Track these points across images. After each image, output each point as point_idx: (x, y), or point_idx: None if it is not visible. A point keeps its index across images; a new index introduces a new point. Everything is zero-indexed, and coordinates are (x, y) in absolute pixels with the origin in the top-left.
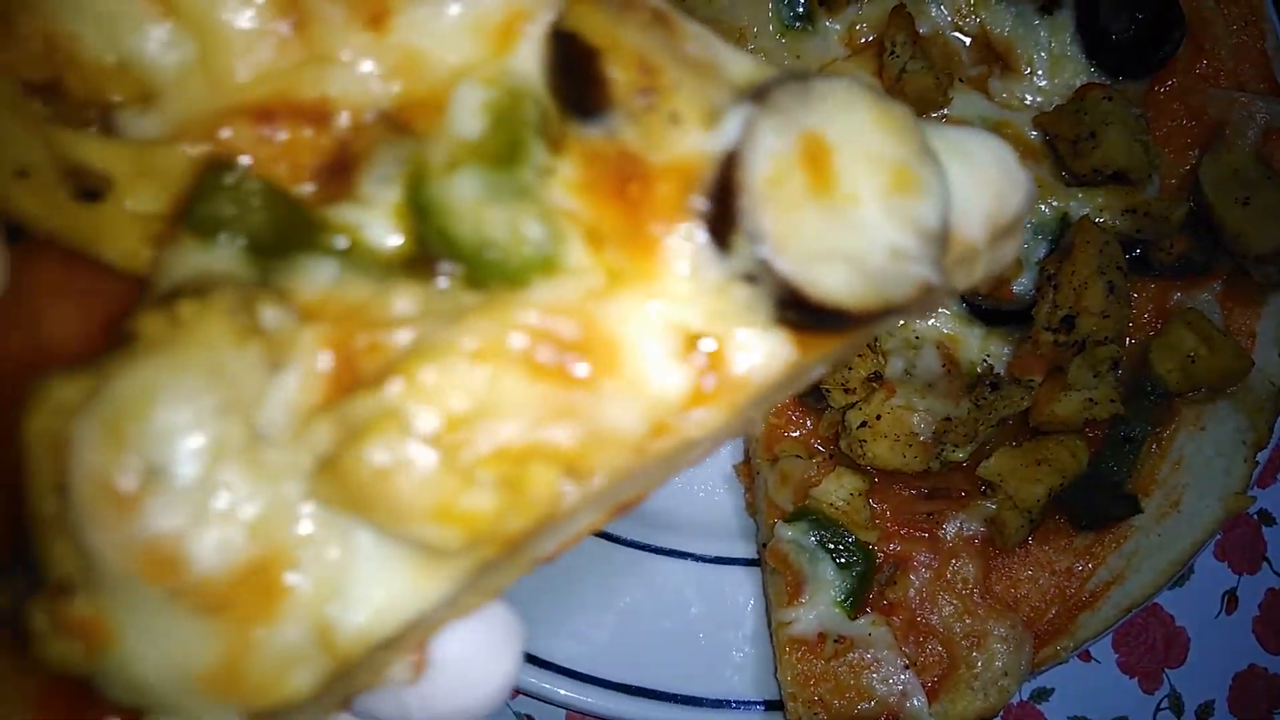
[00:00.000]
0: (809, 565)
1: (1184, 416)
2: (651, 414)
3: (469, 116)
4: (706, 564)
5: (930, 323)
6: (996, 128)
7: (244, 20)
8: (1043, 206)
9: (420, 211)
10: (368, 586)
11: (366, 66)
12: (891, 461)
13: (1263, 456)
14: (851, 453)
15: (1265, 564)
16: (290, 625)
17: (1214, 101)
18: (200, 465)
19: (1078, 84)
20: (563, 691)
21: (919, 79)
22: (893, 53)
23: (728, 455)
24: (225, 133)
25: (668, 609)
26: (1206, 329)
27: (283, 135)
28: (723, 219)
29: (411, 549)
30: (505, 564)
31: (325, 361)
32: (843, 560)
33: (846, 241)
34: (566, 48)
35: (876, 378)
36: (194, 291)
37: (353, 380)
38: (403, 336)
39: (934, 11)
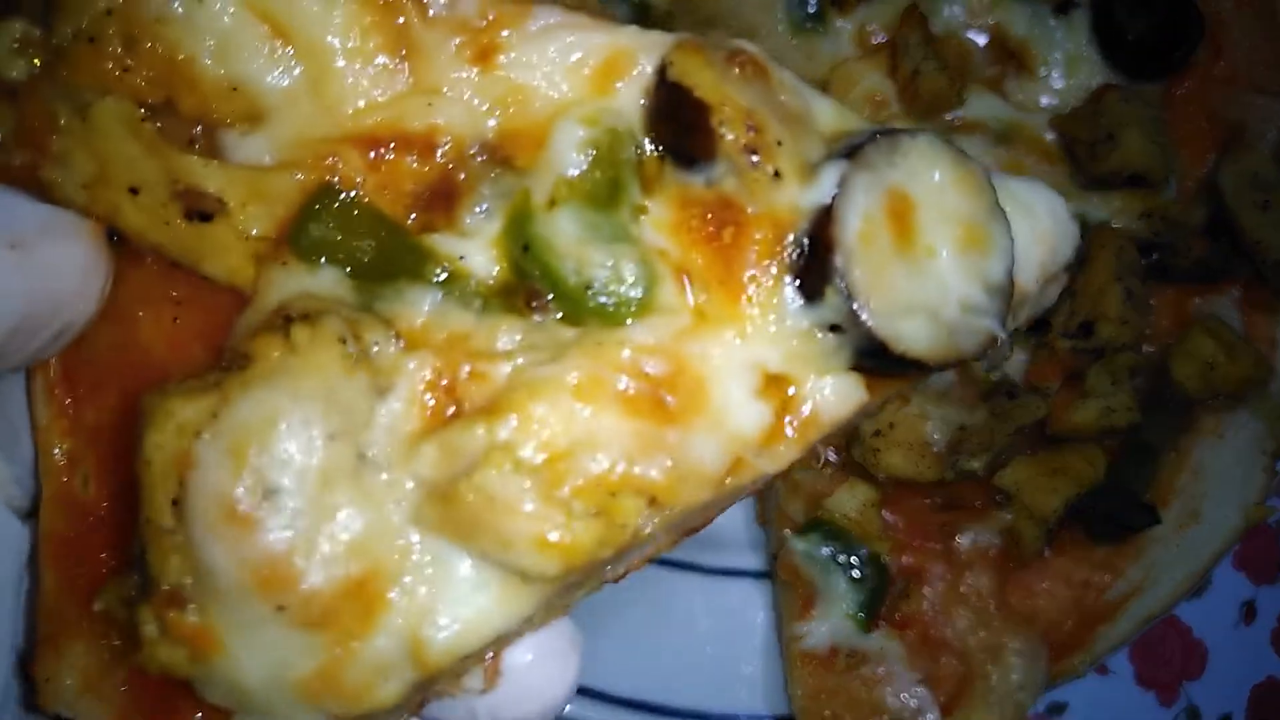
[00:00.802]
0: (821, 578)
1: (1203, 425)
2: (731, 449)
3: (570, 152)
4: (716, 576)
5: None
6: (1012, 129)
7: (354, 49)
8: None
9: (523, 247)
10: (459, 605)
11: (472, 99)
12: (905, 471)
13: None
14: (864, 462)
15: None
16: (385, 638)
17: (1232, 103)
18: (313, 487)
19: (1094, 85)
20: (568, 706)
21: (933, 80)
22: (906, 53)
23: None
24: (333, 159)
25: (676, 622)
26: (1226, 335)
27: (389, 163)
28: (813, 270)
29: (505, 572)
30: (582, 584)
31: (429, 389)
32: (855, 573)
33: (925, 296)
34: (675, 97)
35: None
36: (304, 317)
37: (455, 408)
38: (504, 368)
39: (947, 11)
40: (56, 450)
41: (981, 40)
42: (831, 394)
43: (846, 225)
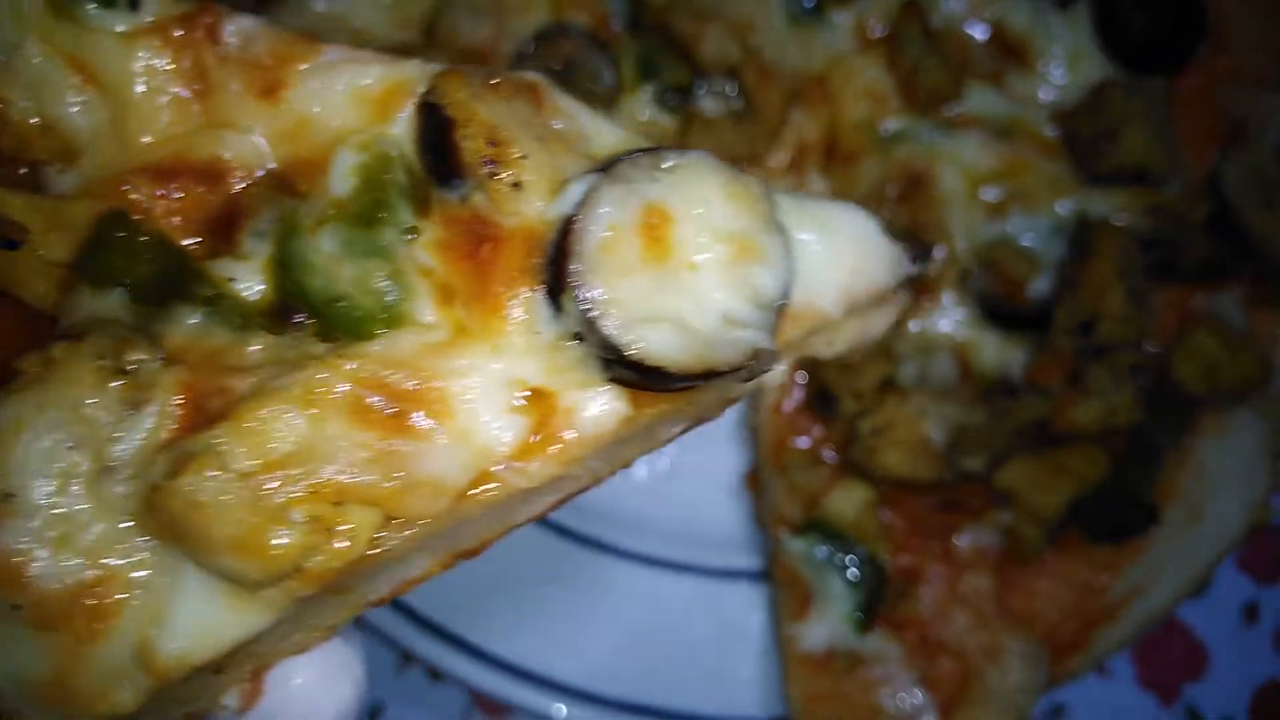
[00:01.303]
0: (818, 579)
1: (1205, 424)
2: (476, 464)
3: (342, 178)
4: (713, 577)
5: (945, 327)
6: (1012, 124)
7: (152, 86)
8: (1059, 206)
9: (282, 265)
10: (189, 614)
11: (259, 131)
12: (903, 471)
13: None
14: (862, 461)
15: None
16: (116, 645)
17: (1236, 99)
18: (50, 494)
19: (1096, 80)
20: (565, 709)
21: (932, 74)
22: (905, 47)
23: (735, 465)
24: (127, 189)
25: (673, 624)
26: (1229, 334)
27: (178, 193)
28: (556, 280)
29: (229, 583)
30: (331, 602)
31: (180, 404)
32: (853, 574)
33: (677, 307)
34: (431, 117)
35: (888, 384)
36: (71, 335)
37: (201, 421)
38: (248, 381)
39: (947, 5)
40: None
41: (981, 34)
42: (593, 408)
43: (586, 234)
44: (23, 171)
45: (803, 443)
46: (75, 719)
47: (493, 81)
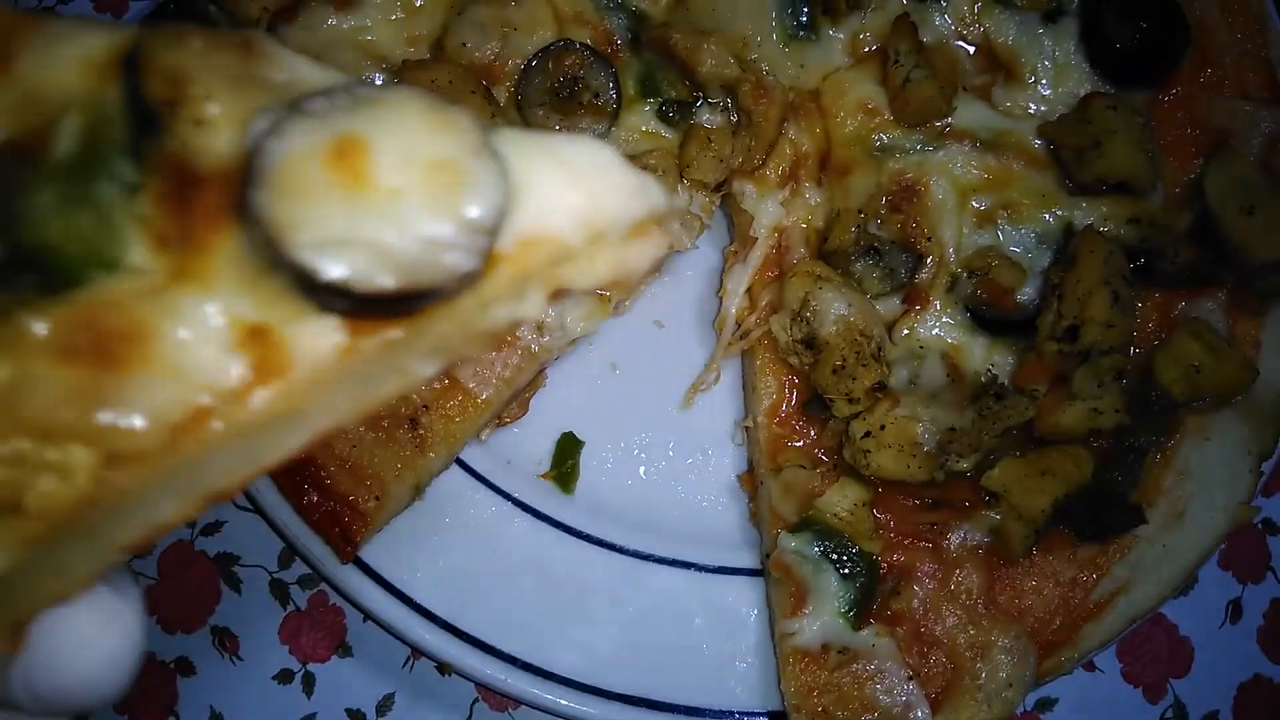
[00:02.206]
0: (812, 576)
1: (1189, 427)
2: (189, 400)
3: (66, 139)
4: (710, 574)
5: (934, 332)
6: (1000, 136)
7: None
8: (1046, 215)
9: (2, 226)
10: None
11: None
12: (895, 472)
13: (1268, 466)
14: (855, 463)
15: (1270, 574)
16: None
17: (1218, 110)
18: None
19: (1082, 93)
20: (564, 702)
21: (923, 88)
22: (897, 61)
23: (731, 465)
24: None
25: (671, 619)
26: (1211, 339)
27: None
28: (246, 211)
29: None
30: (76, 547)
31: None
32: (846, 571)
33: (371, 231)
34: (130, 71)
35: (881, 388)
36: None
37: None
38: None
39: (937, 20)
40: None
41: (971, 49)
42: (309, 339)
43: (266, 163)
44: None
45: (797, 445)
46: None
47: (199, 34)
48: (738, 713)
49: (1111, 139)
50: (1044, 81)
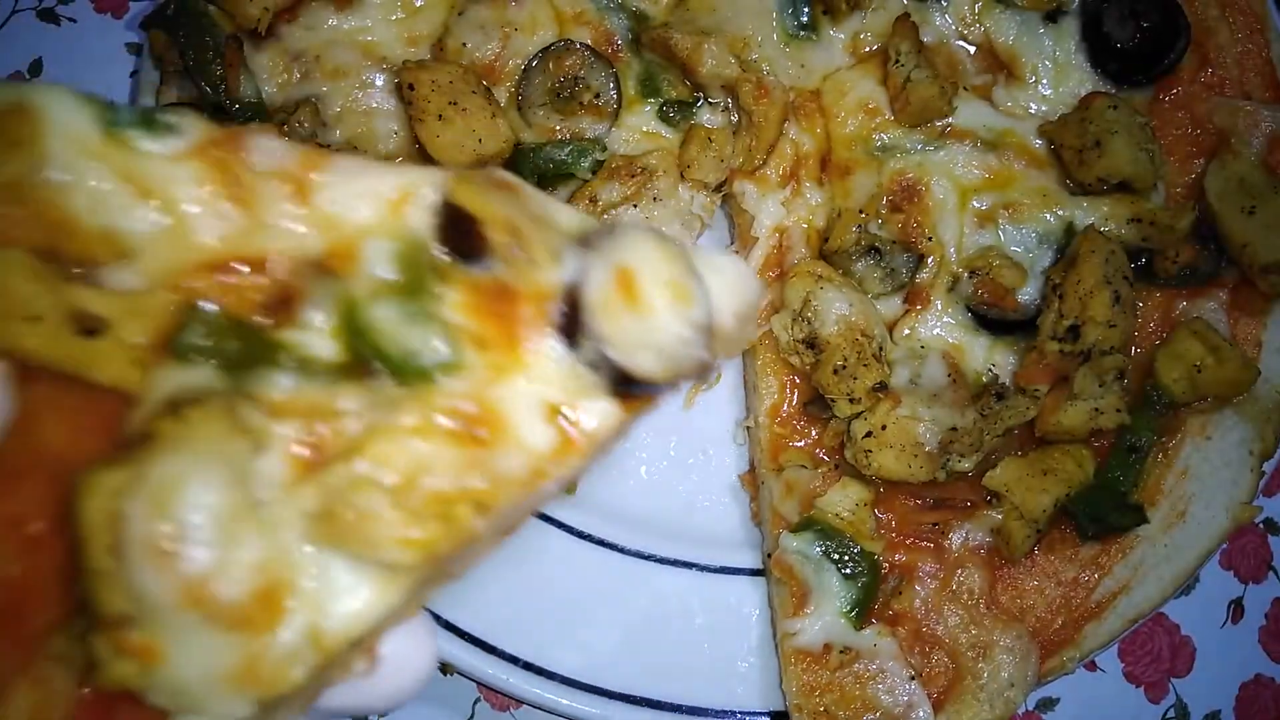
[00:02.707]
0: (814, 576)
1: (1190, 426)
2: (531, 463)
3: (382, 261)
4: (711, 574)
5: (935, 332)
6: (1001, 136)
7: (200, 198)
8: (1048, 215)
9: (356, 333)
10: (345, 599)
11: (296, 228)
12: (897, 471)
13: (1269, 466)
14: (857, 463)
15: (1272, 573)
16: (290, 632)
17: (1219, 110)
18: (218, 524)
19: (1082, 92)
20: (566, 702)
21: (923, 88)
22: (897, 61)
23: (733, 465)
24: (193, 282)
25: (672, 619)
26: (1213, 338)
27: (235, 281)
28: (571, 326)
29: (375, 570)
30: (433, 580)
31: (296, 446)
32: (848, 571)
33: (651, 336)
34: (454, 214)
35: (882, 388)
36: (193, 401)
37: (322, 458)
38: (353, 423)
39: (938, 20)
40: None
41: (971, 48)
42: (598, 415)
43: (589, 293)
44: (76, 271)
45: (799, 445)
46: (257, 701)
47: (496, 183)
48: (740, 712)
49: (1112, 139)
50: (1045, 81)
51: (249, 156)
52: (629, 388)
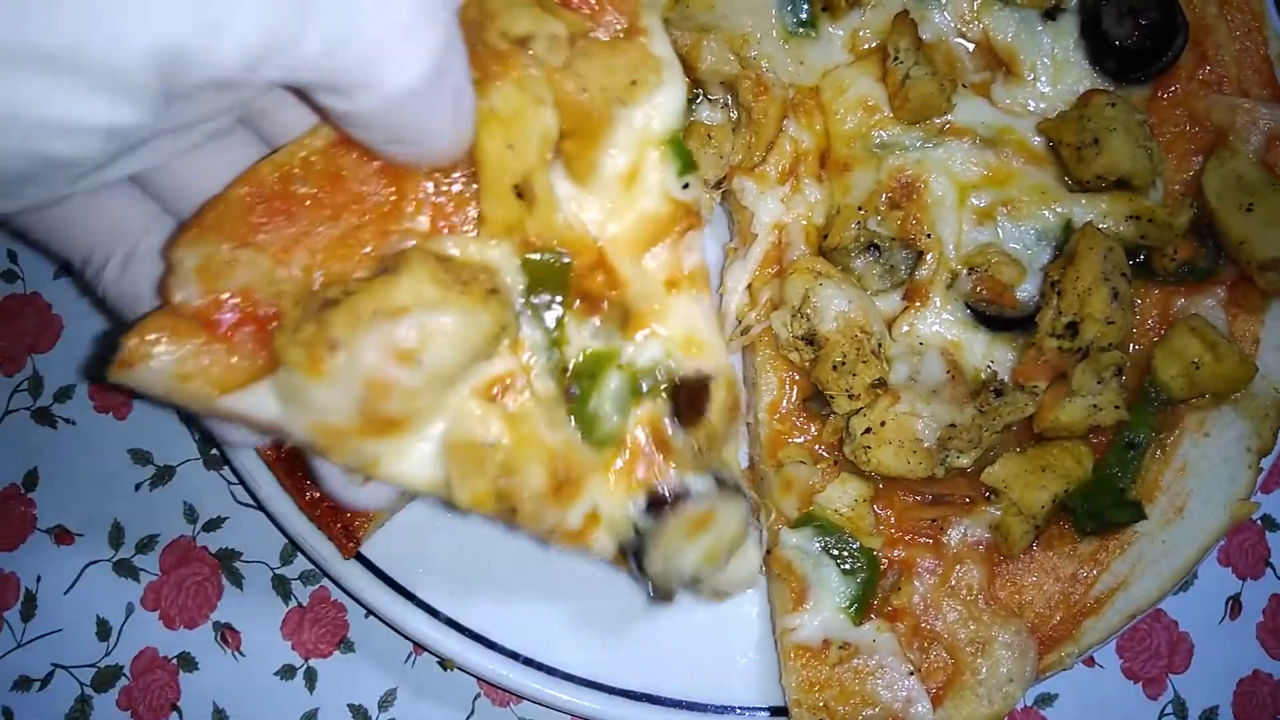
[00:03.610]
0: (813, 571)
1: (1188, 423)
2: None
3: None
4: None
5: (934, 329)
6: (1000, 133)
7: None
8: (1046, 212)
9: (590, 375)
10: None
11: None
12: (896, 468)
13: (1267, 463)
14: (856, 459)
15: (1269, 569)
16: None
17: (1217, 107)
18: (439, 369)
19: (1081, 90)
20: (566, 697)
21: (922, 85)
22: (896, 59)
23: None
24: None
25: (672, 615)
26: (1211, 335)
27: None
28: (653, 506)
29: None
30: None
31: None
32: (847, 566)
33: (675, 555)
34: (696, 394)
35: (881, 384)
36: (498, 292)
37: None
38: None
39: (937, 17)
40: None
41: (970, 46)
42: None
43: (690, 505)
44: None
45: (798, 441)
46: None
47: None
48: (739, 708)
49: (1111, 136)
50: (1043, 79)
51: None
52: (634, 557)
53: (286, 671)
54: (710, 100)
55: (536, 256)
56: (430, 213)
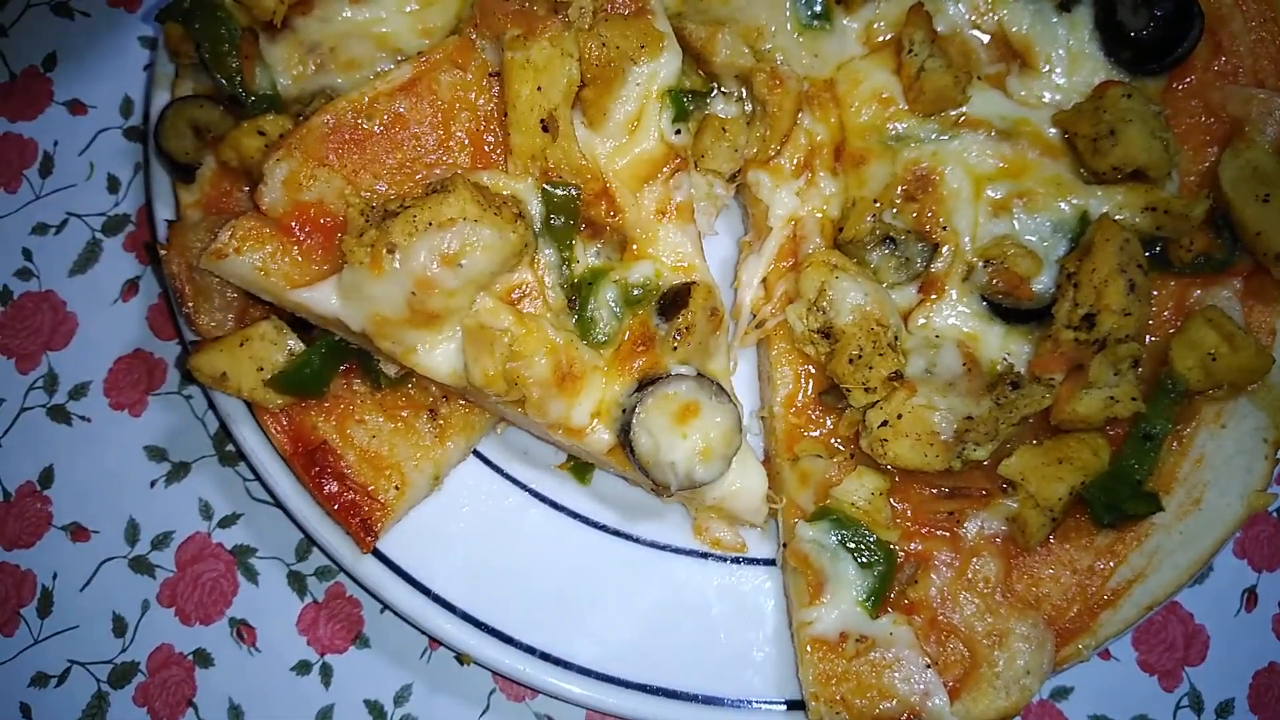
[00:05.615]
0: (830, 565)
1: (1205, 414)
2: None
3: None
4: (727, 564)
5: (950, 321)
6: (1015, 125)
7: None
8: (1062, 204)
9: (588, 282)
10: None
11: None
12: (913, 461)
13: None
14: (872, 452)
15: None
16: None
17: (1233, 98)
18: (475, 273)
19: (1096, 81)
20: (582, 691)
21: (937, 78)
22: (911, 51)
23: None
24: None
25: (688, 609)
26: (1228, 327)
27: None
28: (642, 385)
29: None
30: None
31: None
32: (864, 559)
33: (663, 447)
34: (679, 298)
35: (897, 377)
36: (516, 208)
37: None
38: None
39: (952, 9)
40: None
41: (985, 38)
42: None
43: (668, 385)
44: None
45: (814, 435)
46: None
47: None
48: (755, 701)
49: (1127, 127)
50: (1058, 70)
51: None
52: (624, 435)
53: (302, 667)
54: (725, 94)
55: (553, 190)
56: (470, 150)
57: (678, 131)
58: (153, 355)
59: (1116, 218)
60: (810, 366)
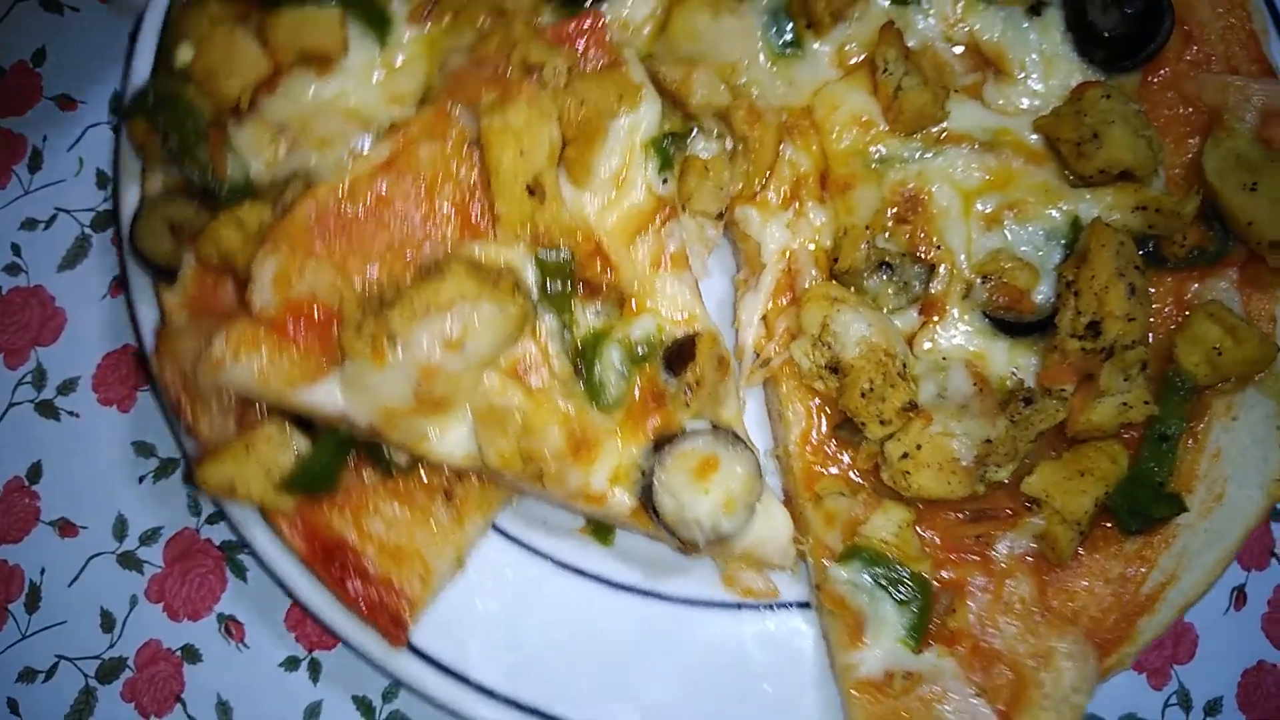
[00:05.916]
0: (868, 605)
1: (1215, 408)
2: None
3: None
4: (760, 611)
5: (955, 341)
6: (997, 136)
7: None
8: (1052, 211)
9: (593, 345)
10: None
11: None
12: (937, 490)
13: None
14: (895, 484)
15: (1274, 560)
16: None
17: (1208, 87)
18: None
19: (1072, 83)
20: None
21: (916, 96)
22: (886, 70)
23: None
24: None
25: (727, 662)
26: (1230, 320)
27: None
28: (659, 444)
29: None
30: None
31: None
32: (900, 596)
33: (687, 505)
34: (685, 352)
35: (912, 406)
36: (519, 289)
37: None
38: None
39: (921, 23)
40: None
41: (957, 49)
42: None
43: (685, 444)
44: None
45: (833, 472)
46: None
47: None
48: None
49: (1110, 129)
50: (1034, 75)
51: None
52: (647, 498)
53: (290, 663)
54: (705, 131)
55: (546, 255)
56: (457, 222)
57: (665, 181)
58: (141, 351)
59: (1108, 220)
60: (821, 401)
